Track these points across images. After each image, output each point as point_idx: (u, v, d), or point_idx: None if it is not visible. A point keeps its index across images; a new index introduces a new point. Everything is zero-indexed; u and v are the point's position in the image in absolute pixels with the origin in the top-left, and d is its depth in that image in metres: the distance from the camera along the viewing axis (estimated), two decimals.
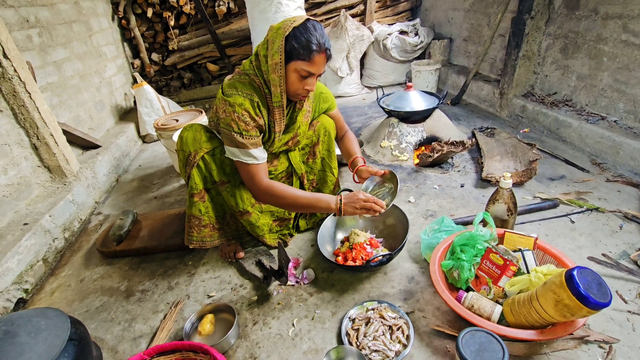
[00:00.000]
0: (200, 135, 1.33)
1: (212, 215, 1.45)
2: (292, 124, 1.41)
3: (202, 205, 1.40)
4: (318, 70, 1.20)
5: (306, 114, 1.44)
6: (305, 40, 1.13)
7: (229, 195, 1.42)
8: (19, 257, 1.53)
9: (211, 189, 1.41)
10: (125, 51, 3.62)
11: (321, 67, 1.20)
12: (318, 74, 1.22)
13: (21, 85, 1.80)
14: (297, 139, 1.46)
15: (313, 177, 1.64)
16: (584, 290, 0.85)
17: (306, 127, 1.49)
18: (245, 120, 1.22)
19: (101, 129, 2.85)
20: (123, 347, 1.24)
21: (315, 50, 1.14)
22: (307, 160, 1.60)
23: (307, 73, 1.19)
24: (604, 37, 1.97)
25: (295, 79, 1.20)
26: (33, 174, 1.93)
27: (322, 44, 1.16)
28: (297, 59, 1.16)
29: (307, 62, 1.16)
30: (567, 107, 2.26)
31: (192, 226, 1.43)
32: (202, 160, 1.32)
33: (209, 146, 1.32)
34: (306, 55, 1.15)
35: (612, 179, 1.78)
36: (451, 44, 3.52)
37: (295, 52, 1.15)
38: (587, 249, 1.38)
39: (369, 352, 1.07)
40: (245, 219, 1.47)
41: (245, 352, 1.16)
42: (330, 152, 1.61)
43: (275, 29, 1.19)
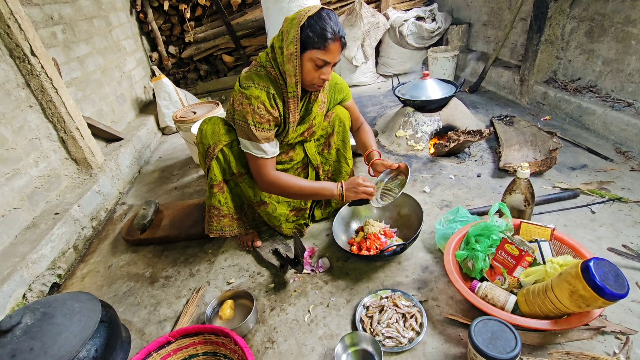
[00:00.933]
0: (219, 128, 1.36)
1: (231, 205, 1.50)
2: (307, 115, 1.42)
3: (222, 196, 1.45)
4: (333, 59, 1.21)
5: (321, 104, 1.45)
6: (320, 28, 1.14)
7: (247, 186, 1.46)
8: (52, 245, 1.63)
9: (230, 180, 1.45)
10: (143, 44, 3.69)
11: (336, 55, 1.21)
12: (333, 63, 1.23)
13: (48, 82, 1.88)
14: (313, 129, 1.48)
15: (328, 168, 1.66)
16: (599, 281, 0.85)
17: (321, 118, 1.50)
18: (261, 112, 1.24)
19: (123, 122, 2.94)
20: (149, 330, 1.31)
21: (330, 38, 1.15)
22: (322, 151, 1.62)
23: (323, 62, 1.19)
24: (632, 19, 1.88)
25: (310, 68, 1.21)
26: (61, 166, 2.03)
27: (337, 32, 1.16)
28: (312, 47, 1.17)
29: (322, 51, 1.17)
30: (591, 94, 2.17)
31: (212, 216, 1.48)
32: (221, 152, 1.36)
33: (227, 139, 1.36)
34: (321, 43, 1.16)
35: (637, 168, 1.72)
36: (470, 29, 3.41)
37: (310, 41, 1.16)
38: (608, 240, 1.35)
39: (382, 338, 1.10)
40: (263, 209, 1.51)
41: (264, 336, 1.21)
42: (345, 143, 1.63)
43: (289, 19, 1.20)
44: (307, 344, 1.15)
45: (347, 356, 1.07)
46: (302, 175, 1.60)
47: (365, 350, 1.08)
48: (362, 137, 1.61)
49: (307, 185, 1.38)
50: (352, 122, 1.62)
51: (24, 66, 1.80)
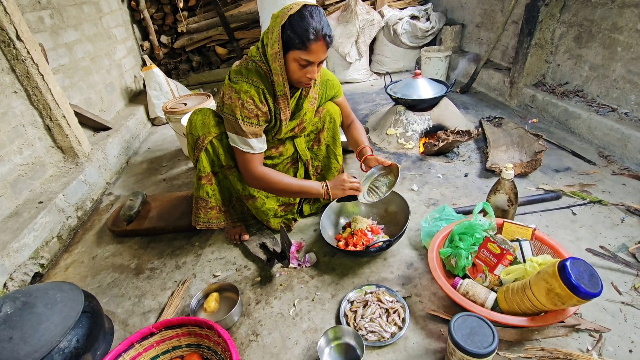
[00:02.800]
0: (209, 120, 1.35)
1: (219, 198, 1.50)
2: (298, 111, 1.42)
3: (210, 188, 1.44)
4: (317, 59, 1.19)
5: (312, 101, 1.45)
6: (301, 29, 1.12)
7: (235, 179, 1.45)
8: (35, 234, 1.60)
9: (218, 173, 1.45)
10: (134, 33, 3.63)
11: (320, 54, 1.18)
12: (318, 62, 1.21)
13: (34, 67, 1.84)
14: (303, 125, 1.48)
15: (318, 164, 1.67)
16: (575, 280, 0.87)
17: (312, 114, 1.50)
18: (249, 107, 1.24)
19: (111, 111, 2.89)
20: (133, 321, 1.31)
21: (312, 39, 1.13)
22: (312, 146, 1.62)
23: (306, 62, 1.18)
24: (619, 26, 1.92)
25: (295, 68, 1.20)
26: (47, 154, 1.99)
27: (319, 31, 1.13)
28: (294, 48, 1.15)
29: (304, 52, 1.15)
30: (577, 98, 2.22)
31: (199, 208, 1.48)
32: (210, 144, 1.35)
33: (217, 130, 1.35)
34: (302, 44, 1.13)
35: (619, 172, 1.76)
36: (463, 30, 3.44)
37: (292, 42, 1.14)
38: (587, 241, 1.39)
39: (365, 332, 1.11)
40: (251, 203, 1.51)
41: (248, 328, 1.22)
42: (335, 139, 1.63)
43: (274, 17, 1.19)
44: (291, 338, 1.16)
45: (330, 350, 1.09)
46: (291, 171, 1.61)
47: (348, 344, 1.09)
48: (354, 134, 1.61)
49: (294, 183, 1.38)
50: (343, 119, 1.63)
51: (9, 51, 1.76)
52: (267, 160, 1.50)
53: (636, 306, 1.11)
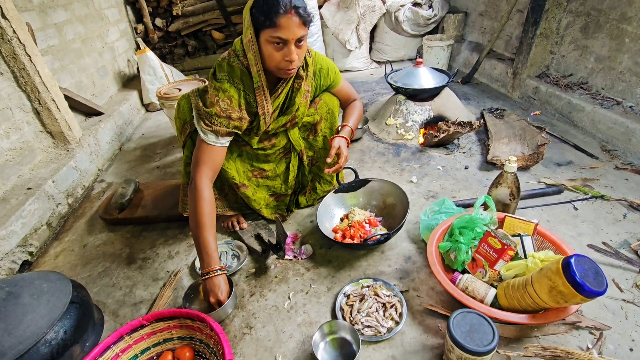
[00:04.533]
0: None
1: None
2: (290, 106, 1.36)
3: None
4: (290, 35, 1.08)
5: (305, 94, 1.37)
6: (265, 4, 1.05)
7: (225, 167, 1.39)
8: (23, 221, 1.55)
9: None
10: (128, 15, 3.51)
11: (293, 29, 1.07)
12: (294, 39, 1.10)
13: (21, 48, 1.76)
14: (296, 120, 1.41)
15: (312, 154, 1.60)
16: (579, 278, 0.84)
17: (305, 108, 1.42)
18: (223, 106, 1.20)
19: (104, 96, 2.81)
20: (124, 312, 1.28)
21: (280, 12, 1.04)
22: (308, 136, 1.56)
23: (278, 39, 1.08)
24: (628, 17, 1.86)
25: (271, 51, 1.12)
26: (36, 139, 1.93)
27: (289, 3, 1.05)
28: (263, 28, 1.08)
29: (273, 28, 1.07)
30: (581, 90, 2.17)
31: (186, 194, 1.43)
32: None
33: None
34: (270, 20, 1.05)
35: (621, 167, 1.73)
36: (466, 18, 3.36)
37: (260, 21, 1.08)
38: (588, 237, 1.36)
39: (361, 327, 1.09)
40: (242, 191, 1.47)
41: (242, 321, 1.19)
42: (333, 131, 1.58)
43: (247, 5, 1.13)
44: (286, 331, 1.14)
45: (325, 344, 1.06)
46: (284, 161, 1.55)
47: (343, 338, 1.07)
48: (345, 112, 1.56)
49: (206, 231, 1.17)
50: (342, 102, 1.58)
51: None
52: (259, 152, 1.45)
53: (637, 304, 1.10)
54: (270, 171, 1.53)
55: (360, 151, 2.13)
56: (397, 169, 1.91)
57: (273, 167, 1.54)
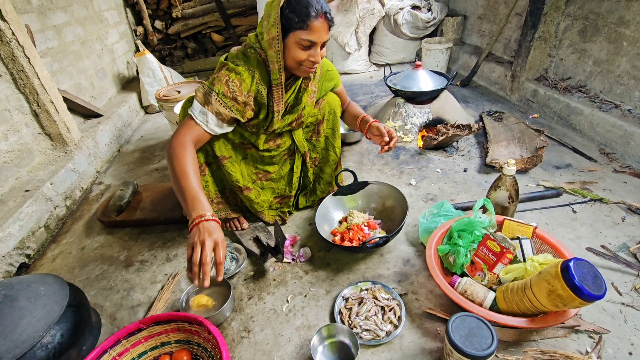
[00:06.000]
0: None
1: (212, 189, 1.45)
2: (297, 105, 1.37)
3: (202, 179, 1.39)
4: (319, 38, 1.13)
5: (311, 94, 1.40)
6: (300, 6, 1.08)
7: (229, 170, 1.40)
8: (21, 223, 1.55)
9: (212, 163, 1.40)
10: (127, 17, 3.52)
11: (322, 34, 1.13)
12: (321, 42, 1.16)
13: (20, 50, 1.76)
14: (302, 120, 1.43)
15: (316, 155, 1.62)
16: (578, 282, 0.84)
17: (311, 108, 1.44)
18: (232, 87, 1.18)
19: (103, 98, 2.81)
20: (121, 315, 1.27)
21: (313, 15, 1.08)
22: (311, 138, 1.56)
23: (309, 42, 1.13)
24: (626, 20, 1.87)
25: (297, 51, 1.15)
26: (34, 141, 1.92)
27: (320, 8, 1.09)
28: (294, 29, 1.11)
29: (306, 31, 1.10)
30: (580, 93, 2.18)
31: None
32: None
33: None
34: (304, 22, 1.09)
35: (620, 170, 1.74)
36: (465, 21, 3.37)
37: (292, 22, 1.09)
38: (587, 240, 1.36)
39: (360, 330, 1.08)
40: (245, 194, 1.47)
41: (240, 325, 1.18)
42: (334, 131, 1.58)
43: (269, 2, 1.14)
44: (284, 335, 1.13)
45: (324, 348, 1.06)
46: (288, 163, 1.55)
47: (342, 342, 1.07)
48: (352, 110, 1.58)
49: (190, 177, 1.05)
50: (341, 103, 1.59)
51: None
52: (264, 154, 1.45)
53: (636, 307, 1.09)
54: (274, 173, 1.53)
55: (359, 154, 2.13)
56: (396, 172, 1.92)
57: (277, 169, 1.54)
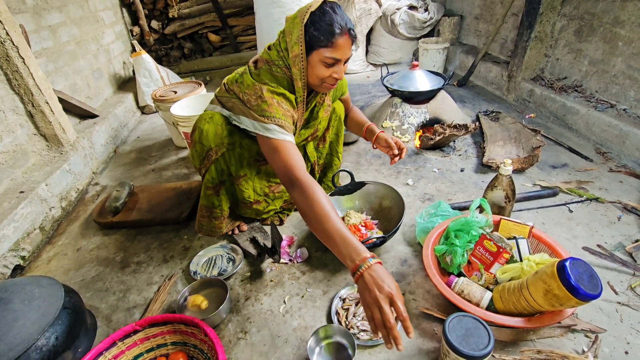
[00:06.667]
0: (221, 130, 1.23)
1: (225, 208, 1.41)
2: (313, 120, 1.37)
3: (216, 199, 1.36)
4: (344, 55, 1.12)
5: (327, 108, 1.41)
6: (325, 24, 1.06)
7: (243, 188, 1.38)
8: (15, 225, 1.53)
9: (226, 181, 1.37)
10: (123, 17, 3.50)
11: (346, 50, 1.11)
12: (345, 59, 1.15)
13: (14, 50, 1.75)
14: (317, 134, 1.44)
15: (322, 162, 1.64)
16: (574, 282, 0.84)
17: (326, 122, 1.46)
18: (286, 107, 1.16)
19: (99, 98, 2.80)
20: (117, 317, 1.26)
21: (337, 33, 1.07)
22: (318, 145, 1.58)
23: (333, 60, 1.11)
24: (621, 20, 1.88)
25: (321, 69, 1.13)
26: (29, 141, 1.91)
27: (344, 25, 1.08)
28: (319, 46, 1.09)
29: (330, 49, 1.09)
30: (576, 93, 2.19)
31: (203, 216, 1.41)
32: (222, 155, 1.27)
33: (229, 140, 1.26)
34: (329, 40, 1.07)
35: (616, 169, 1.74)
36: (462, 21, 3.38)
37: (317, 40, 1.08)
38: (583, 239, 1.37)
39: (357, 331, 1.08)
40: (255, 207, 1.47)
41: (236, 326, 1.18)
42: (338, 137, 1.59)
43: (291, 19, 1.12)
44: (281, 336, 1.13)
45: (320, 349, 1.05)
46: None
47: (339, 343, 1.06)
48: (355, 116, 1.58)
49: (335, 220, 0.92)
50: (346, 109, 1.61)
51: None
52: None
53: (632, 306, 1.10)
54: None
55: (356, 154, 2.13)
56: (393, 172, 1.92)
57: None
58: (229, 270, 1.39)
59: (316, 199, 0.97)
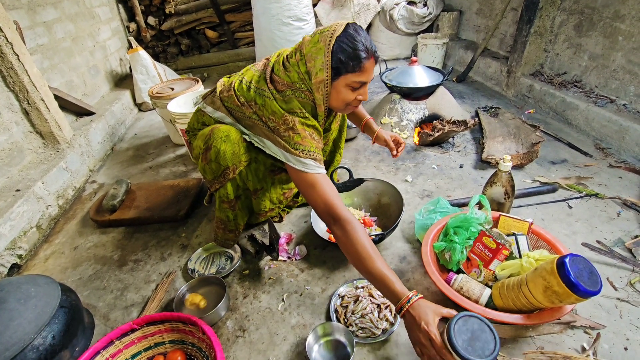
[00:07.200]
0: (239, 149, 1.18)
1: (241, 222, 1.37)
2: (326, 132, 1.38)
3: (231, 213, 1.32)
4: (369, 78, 1.10)
5: (338, 119, 1.44)
6: (352, 49, 1.03)
7: (260, 200, 1.38)
8: (12, 223, 1.52)
9: (241, 195, 1.33)
10: (120, 13, 3.47)
11: (371, 73, 1.10)
12: (369, 81, 1.13)
13: (8, 46, 1.73)
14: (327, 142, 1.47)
15: (325, 159, 1.63)
16: (574, 278, 0.84)
17: (337, 132, 1.49)
18: (317, 138, 1.15)
19: (95, 95, 2.77)
20: (115, 315, 1.26)
21: (364, 57, 1.04)
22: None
23: (359, 84, 1.09)
24: (621, 14, 1.86)
25: (346, 93, 1.11)
26: (25, 139, 1.89)
27: (370, 49, 1.05)
28: (347, 72, 1.05)
29: (358, 73, 1.06)
30: (575, 89, 2.17)
31: (219, 227, 1.37)
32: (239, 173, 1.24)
33: (247, 158, 1.22)
34: (357, 65, 1.04)
35: (615, 165, 1.74)
36: (461, 16, 3.36)
37: (344, 66, 1.04)
38: (583, 235, 1.36)
39: (356, 329, 1.08)
40: (269, 215, 1.47)
41: (235, 324, 1.17)
42: (341, 133, 1.57)
43: (312, 42, 1.07)
44: (280, 333, 1.12)
45: (319, 347, 1.05)
46: None
47: (337, 340, 1.06)
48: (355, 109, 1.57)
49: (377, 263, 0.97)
50: None
51: None
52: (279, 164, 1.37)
53: (632, 302, 1.09)
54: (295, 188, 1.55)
55: (355, 150, 2.12)
56: (392, 168, 1.91)
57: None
58: (227, 268, 1.38)
59: (359, 239, 1.00)
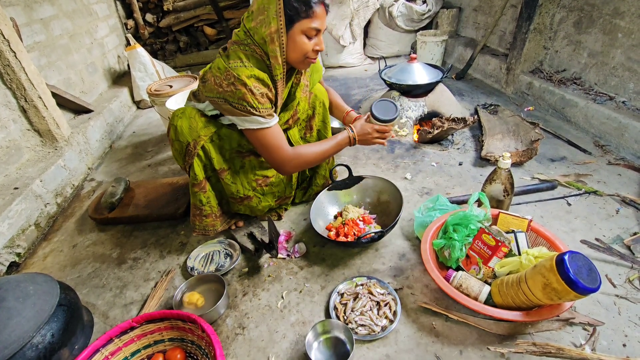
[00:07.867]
0: (196, 123, 1.22)
1: (214, 204, 1.39)
2: (291, 101, 1.34)
3: (203, 195, 1.34)
4: (323, 25, 1.14)
5: (304, 88, 1.37)
6: None
7: (229, 182, 1.36)
8: (10, 222, 1.52)
9: (211, 177, 1.35)
10: (117, 10, 3.45)
11: (324, 19, 1.14)
12: (323, 30, 1.16)
13: (5, 44, 1.72)
14: (297, 116, 1.40)
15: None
16: (573, 275, 0.84)
17: (305, 103, 1.42)
18: (260, 91, 1.13)
19: (93, 93, 2.76)
20: (114, 313, 1.25)
21: (315, 2, 1.08)
22: (305, 135, 1.54)
23: (315, 31, 1.12)
24: (621, 11, 1.86)
25: (302, 42, 1.13)
26: (22, 137, 1.89)
27: None
28: (300, 18, 1.09)
29: (311, 19, 1.09)
30: (575, 86, 2.17)
31: (194, 215, 1.39)
32: (202, 148, 1.24)
33: (207, 132, 1.23)
34: (309, 10, 1.08)
35: (614, 162, 1.74)
36: (460, 13, 3.35)
37: (298, 12, 1.07)
38: (581, 232, 1.36)
39: (355, 326, 1.08)
40: (246, 203, 1.44)
41: (234, 321, 1.17)
42: (325, 124, 1.56)
43: None
44: (279, 331, 1.12)
45: (319, 344, 1.05)
46: None
47: (337, 338, 1.06)
48: (334, 100, 1.56)
49: (327, 147, 1.33)
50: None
51: None
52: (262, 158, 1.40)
53: (630, 299, 1.10)
54: (273, 177, 1.47)
55: (353, 148, 2.11)
56: (391, 166, 1.90)
57: (276, 172, 1.48)
58: (227, 265, 1.38)
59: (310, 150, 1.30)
